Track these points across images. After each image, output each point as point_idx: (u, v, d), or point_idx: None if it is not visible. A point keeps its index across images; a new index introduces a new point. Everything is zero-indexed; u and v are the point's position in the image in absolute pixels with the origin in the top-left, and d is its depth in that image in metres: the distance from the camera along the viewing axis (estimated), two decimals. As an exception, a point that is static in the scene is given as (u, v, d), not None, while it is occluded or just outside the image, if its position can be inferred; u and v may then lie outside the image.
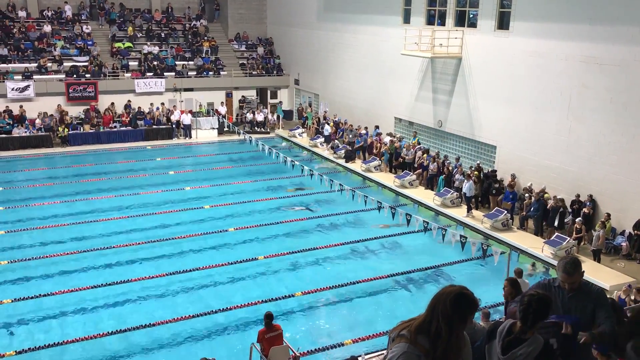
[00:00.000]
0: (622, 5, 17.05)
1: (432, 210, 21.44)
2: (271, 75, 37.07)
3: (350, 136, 28.50)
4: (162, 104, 32.23)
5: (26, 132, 29.06)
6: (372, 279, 15.75)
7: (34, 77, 30.67)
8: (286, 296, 14.66)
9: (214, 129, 32.71)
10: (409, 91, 26.16)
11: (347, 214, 20.74)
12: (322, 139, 29.99)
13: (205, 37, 37.49)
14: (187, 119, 31.78)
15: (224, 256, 17.09)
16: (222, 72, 35.56)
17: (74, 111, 30.97)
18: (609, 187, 17.75)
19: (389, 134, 27.07)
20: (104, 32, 35.79)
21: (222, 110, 33.87)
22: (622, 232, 17.30)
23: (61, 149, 29.12)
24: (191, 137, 31.90)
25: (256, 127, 33.82)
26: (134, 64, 33.95)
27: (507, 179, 20.72)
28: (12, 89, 29.71)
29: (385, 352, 11.42)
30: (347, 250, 17.88)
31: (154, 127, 31.43)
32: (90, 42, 34.18)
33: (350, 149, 27.29)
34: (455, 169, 22.11)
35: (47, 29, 34.01)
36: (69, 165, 26.97)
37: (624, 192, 17.36)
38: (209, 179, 24.69)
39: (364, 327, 13.43)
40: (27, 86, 30.01)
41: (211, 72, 35.07)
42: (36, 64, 31.48)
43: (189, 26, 38.28)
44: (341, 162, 27.24)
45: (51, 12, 35.45)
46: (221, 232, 18.95)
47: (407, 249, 18.24)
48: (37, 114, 29.76)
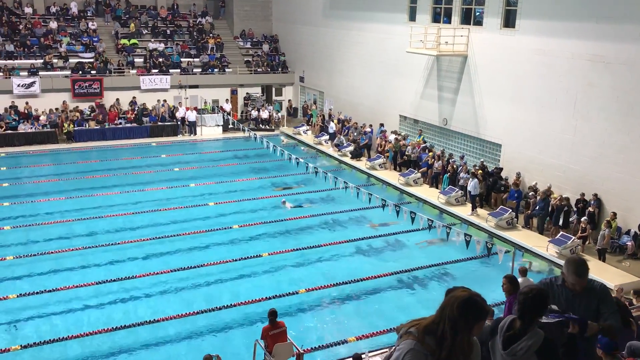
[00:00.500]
0: (629, 3, 16.96)
1: (436, 208, 21.41)
2: (276, 72, 37.07)
3: (355, 134, 28.49)
4: (164, 100, 32.22)
5: (32, 128, 29.16)
6: (376, 277, 15.75)
7: (40, 73, 30.76)
8: (290, 293, 14.68)
9: (218, 126, 32.75)
10: (414, 89, 26.11)
11: (352, 212, 20.73)
12: (327, 137, 29.99)
13: (210, 34, 37.51)
14: (192, 116, 31.83)
15: (228, 253, 17.11)
16: (227, 69, 35.58)
17: (81, 107, 31.06)
18: (614, 186, 17.68)
19: (394, 132, 27.04)
20: (109, 29, 35.84)
21: (227, 107, 33.90)
22: (628, 232, 17.24)
23: (66, 145, 29.21)
24: (196, 134, 31.95)
25: (261, 125, 33.83)
26: (139, 61, 34.00)
27: (512, 178, 20.66)
28: (18, 85, 29.81)
29: (388, 349, 11.46)
30: (351, 247, 17.88)
31: (159, 124, 31.49)
32: (95, 39, 34.25)
33: (357, 146, 27.30)
34: (459, 167, 22.07)
35: (53, 25, 34.09)
36: (75, 161, 27.05)
37: (630, 191, 17.29)
38: (214, 176, 24.73)
39: (368, 325, 13.43)
40: (33, 82, 30.10)
41: (216, 69, 35.09)
42: (42, 61, 31.56)
43: (194, 23, 38.32)
44: (345, 159, 27.24)
45: (57, 8, 35.52)
46: (226, 229, 18.98)
47: (411, 247, 18.22)
48: (42, 110, 29.86)
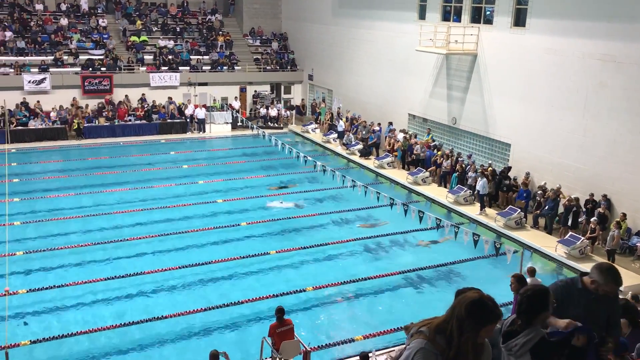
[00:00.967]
0: (641, 2, 16.83)
1: (445, 207, 21.36)
2: (285, 70, 37.08)
3: (363, 132, 28.46)
4: (169, 97, 32.28)
5: (42, 124, 29.33)
6: (384, 276, 15.75)
7: (50, 70, 30.92)
8: (297, 291, 14.70)
9: (227, 123, 32.81)
10: (423, 88, 26.04)
11: (359, 210, 20.72)
12: (335, 135, 29.98)
13: (220, 32, 37.56)
14: (201, 113, 31.91)
15: (236, 250, 17.16)
16: (236, 67, 35.62)
17: (91, 104, 31.23)
18: (624, 187, 17.56)
19: (402, 131, 26.99)
20: (119, 26, 35.95)
21: (236, 104, 33.96)
22: (638, 232, 17.13)
23: (76, 142, 29.37)
24: (205, 131, 32.03)
25: (269, 122, 33.86)
26: (149, 58, 34.11)
27: (521, 177, 20.57)
28: (29, 82, 29.98)
29: (395, 348, 11.45)
30: (359, 246, 17.87)
31: (168, 121, 31.59)
32: (106, 36, 34.39)
33: (366, 145, 27.29)
34: (468, 167, 22.00)
35: (64, 22, 34.26)
36: (84, 158, 27.20)
37: (640, 192, 17.18)
38: (222, 173, 24.78)
39: (375, 324, 13.42)
40: (44, 79, 30.26)
41: (225, 67, 35.15)
42: (52, 57, 31.73)
43: (203, 20, 38.39)
44: (354, 157, 27.21)
45: (67, 5, 35.67)
46: (234, 226, 19.02)
47: (419, 246, 18.18)
48: (51, 107, 30.04)
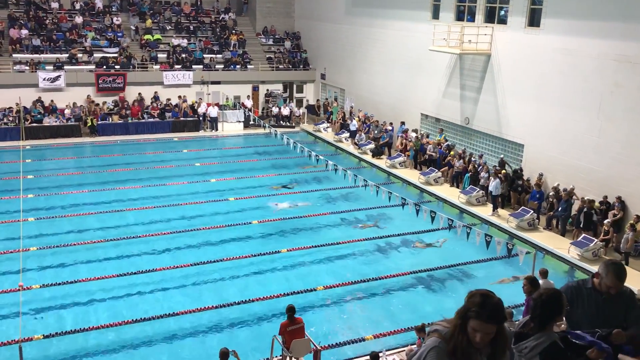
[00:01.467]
0: (658, 3, 16.66)
1: (457, 208, 21.28)
2: (298, 69, 37.11)
3: (376, 132, 28.42)
4: (178, 96, 32.37)
5: (56, 121, 29.58)
6: (395, 276, 15.73)
7: (65, 67, 31.18)
8: (308, 290, 14.72)
9: (239, 122, 32.90)
10: (436, 87, 25.95)
11: (371, 210, 20.70)
12: (347, 134, 29.96)
13: (233, 31, 37.67)
14: (214, 112, 32.03)
15: (247, 248, 17.22)
16: (249, 66, 35.71)
17: (104, 101, 31.48)
18: (639, 189, 17.38)
19: (414, 130, 26.92)
20: (130, 24, 36.13)
21: (248, 103, 34.04)
22: (652, 235, 16.96)
23: (90, 139, 29.60)
24: (217, 129, 32.14)
25: (281, 121, 33.91)
26: (162, 56, 34.28)
27: (534, 178, 20.44)
28: (44, 79, 30.24)
29: (405, 348, 11.46)
30: (370, 246, 17.85)
31: (181, 119, 31.74)
32: (120, 34, 34.61)
33: (378, 145, 27.25)
34: (480, 167, 21.90)
35: (79, 20, 34.52)
36: (98, 155, 27.42)
37: (655, 194, 17.00)
38: (234, 172, 24.87)
39: (386, 323, 13.42)
40: (58, 76, 30.51)
41: (238, 66, 35.23)
42: (67, 55, 31.98)
43: (217, 19, 38.51)
44: (366, 157, 27.18)
45: (82, 3, 35.92)
46: (245, 224, 19.08)
47: (431, 246, 18.13)
48: (66, 104, 30.29)
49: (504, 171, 20.94)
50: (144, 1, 37.56)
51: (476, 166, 22.13)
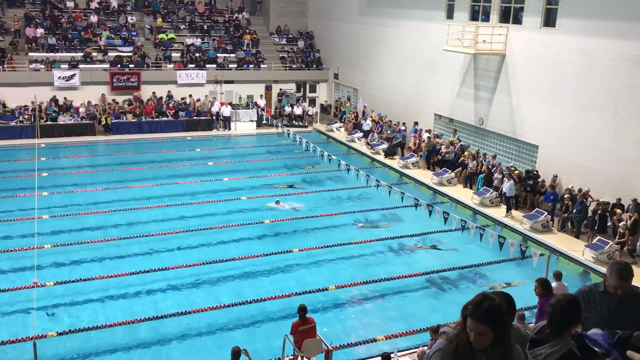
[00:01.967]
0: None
1: (470, 209, 21.16)
2: (311, 69, 37.11)
3: (389, 132, 28.35)
4: (189, 95, 32.49)
5: (71, 119, 29.81)
6: (407, 276, 15.66)
7: (80, 66, 31.42)
8: (320, 289, 14.70)
9: (252, 121, 32.96)
10: (450, 87, 25.83)
11: (383, 210, 20.64)
12: (360, 134, 29.91)
13: (246, 30, 37.75)
14: (227, 111, 32.10)
15: (259, 247, 17.24)
16: (262, 65, 35.76)
17: (120, 100, 31.70)
18: (655, 191, 17.19)
19: (427, 131, 26.82)
20: (143, 24, 36.31)
21: (261, 103, 34.09)
22: (668, 238, 16.76)
23: (104, 137, 29.80)
24: (230, 129, 32.22)
25: (294, 121, 33.93)
26: (176, 56, 34.42)
27: (548, 180, 20.27)
28: (59, 78, 30.49)
29: (417, 349, 11.39)
30: (382, 246, 17.80)
31: (194, 118, 31.86)
32: (134, 33, 34.81)
33: (391, 145, 27.18)
34: (494, 168, 21.76)
35: (94, 19, 34.76)
36: (111, 153, 27.61)
37: (672, 197, 16.79)
38: (247, 171, 24.91)
39: (397, 324, 13.37)
40: (73, 75, 30.74)
41: (251, 65, 35.30)
42: (82, 54, 32.22)
43: (230, 19, 38.61)
44: (378, 157, 27.11)
45: (96, 3, 36.14)
46: (257, 223, 19.10)
47: (443, 247, 18.04)
48: (80, 103, 30.53)
49: (517, 172, 20.80)
50: (158, 1, 37.73)
51: (490, 167, 21.99)
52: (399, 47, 29.41)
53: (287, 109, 34.43)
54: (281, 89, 35.89)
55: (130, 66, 32.42)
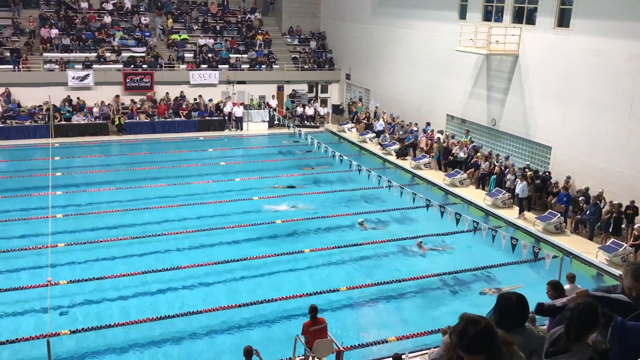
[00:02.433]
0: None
1: (482, 210, 21.06)
2: (323, 69, 37.13)
3: (401, 132, 28.29)
4: (199, 95, 32.64)
5: (85, 119, 30.04)
6: (419, 278, 15.60)
7: (94, 66, 31.65)
8: (331, 290, 14.70)
9: (264, 121, 33.04)
10: (462, 88, 25.73)
11: (395, 211, 20.59)
12: (373, 135, 29.87)
13: (259, 31, 37.83)
14: (239, 112, 32.20)
15: (270, 248, 17.26)
16: (274, 66, 35.83)
17: (137, 99, 31.90)
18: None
19: (439, 132, 26.73)
20: (155, 25, 36.48)
21: (273, 103, 34.15)
22: (684, 241, 16.57)
23: (117, 137, 29.99)
24: (243, 129, 32.31)
25: (306, 121, 33.95)
26: (189, 56, 34.58)
27: (562, 181, 20.13)
28: (73, 78, 30.73)
29: (428, 350, 11.33)
30: (394, 247, 17.76)
31: (207, 118, 31.98)
32: (147, 34, 35.01)
33: (403, 145, 27.11)
34: (507, 169, 21.64)
35: (108, 19, 35.01)
36: (125, 153, 27.79)
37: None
38: (258, 171, 24.96)
39: (409, 325, 13.32)
40: (87, 75, 30.98)
41: (264, 66, 35.37)
42: (96, 54, 32.46)
43: (243, 19, 38.72)
44: (390, 158, 27.06)
45: (111, 3, 36.40)
46: (269, 223, 19.14)
47: (455, 248, 17.97)
48: (94, 103, 30.74)
49: (530, 173, 20.68)
50: (170, 2, 37.94)
51: (502, 168, 21.87)
52: (411, 47, 29.34)
53: (299, 110, 34.44)
54: (294, 90, 35.93)
55: (143, 66, 32.61)
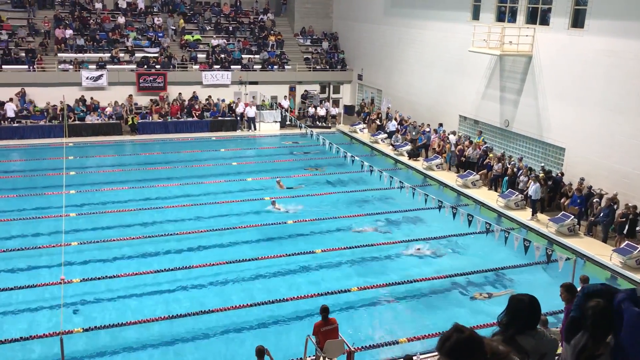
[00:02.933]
0: None
1: (494, 211, 20.94)
2: (335, 70, 37.13)
3: (413, 133, 28.21)
4: (209, 96, 32.78)
5: (98, 119, 30.26)
6: (431, 279, 15.56)
7: (107, 66, 31.88)
8: (342, 291, 14.69)
9: (276, 122, 33.09)
10: (475, 89, 25.61)
11: (407, 212, 20.54)
12: (385, 135, 29.81)
13: (271, 31, 37.92)
14: (251, 112, 32.27)
15: (282, 248, 17.28)
16: (286, 66, 35.88)
17: (144, 100, 32.11)
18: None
19: (452, 133, 26.62)
20: (167, 25, 36.69)
21: (285, 103, 34.20)
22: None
23: (130, 137, 30.18)
24: (256, 129, 32.39)
25: (317, 122, 33.96)
26: (202, 57, 34.72)
27: (575, 183, 19.97)
28: (87, 78, 30.98)
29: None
30: (405, 248, 17.71)
31: (219, 118, 32.10)
32: (161, 34, 35.20)
33: (415, 146, 27.04)
34: (520, 171, 21.51)
35: (121, 20, 35.25)
36: (138, 153, 27.96)
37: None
38: (270, 171, 25.01)
39: (420, 326, 13.28)
40: (101, 75, 31.22)
41: (276, 66, 35.44)
42: (109, 55, 32.69)
43: (255, 20, 38.82)
44: (402, 159, 26.99)
45: (125, 2, 36.66)
46: (280, 223, 19.17)
47: (468, 250, 17.89)
48: (107, 103, 30.97)
49: (542, 175, 20.54)
50: (182, 2, 38.15)
51: (515, 169, 21.74)
52: (424, 48, 29.26)
53: (311, 110, 34.46)
54: (306, 90, 35.96)
55: (156, 67, 32.80)
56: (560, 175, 20.85)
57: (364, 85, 36.14)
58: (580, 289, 3.85)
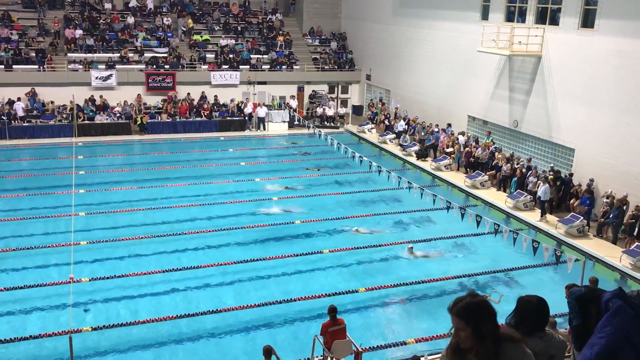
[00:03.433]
0: None
1: (503, 212, 20.86)
2: (343, 70, 37.11)
3: (422, 133, 28.15)
4: (215, 95, 32.81)
5: (107, 119, 30.41)
6: (438, 280, 15.51)
7: (117, 66, 32.02)
8: (350, 291, 14.68)
9: (284, 122, 33.12)
10: (484, 89, 25.52)
11: (415, 213, 20.50)
12: (393, 135, 29.76)
13: (280, 31, 37.95)
14: (261, 112, 32.31)
15: (290, 248, 17.29)
16: (294, 66, 35.90)
17: (153, 100, 32.23)
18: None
19: (461, 133, 26.54)
20: (177, 26, 36.82)
21: (293, 104, 34.22)
22: None
23: (139, 137, 30.30)
24: (266, 129, 32.43)
25: (326, 122, 33.96)
26: (210, 57, 34.81)
27: (584, 184, 19.85)
28: (96, 78, 31.13)
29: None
30: (413, 249, 17.67)
31: (228, 118, 32.17)
32: (169, 34, 35.32)
33: (423, 146, 26.98)
34: (529, 172, 21.41)
35: (130, 20, 35.40)
36: (146, 152, 28.07)
37: None
38: (278, 171, 25.03)
39: (428, 327, 13.25)
40: (110, 75, 31.36)
41: (284, 66, 35.47)
42: (119, 54, 32.84)
43: (264, 20, 38.87)
44: (410, 159, 26.94)
45: (135, 3, 36.81)
46: (288, 223, 19.18)
47: (476, 251, 17.83)
48: (116, 102, 31.11)
49: (551, 177, 20.43)
50: (191, 3, 38.26)
51: (523, 170, 21.64)
52: (433, 48, 29.18)
53: (319, 110, 34.44)
54: (314, 91, 35.97)
55: (165, 67, 32.91)
56: (569, 176, 20.74)
57: (373, 85, 36.10)
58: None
